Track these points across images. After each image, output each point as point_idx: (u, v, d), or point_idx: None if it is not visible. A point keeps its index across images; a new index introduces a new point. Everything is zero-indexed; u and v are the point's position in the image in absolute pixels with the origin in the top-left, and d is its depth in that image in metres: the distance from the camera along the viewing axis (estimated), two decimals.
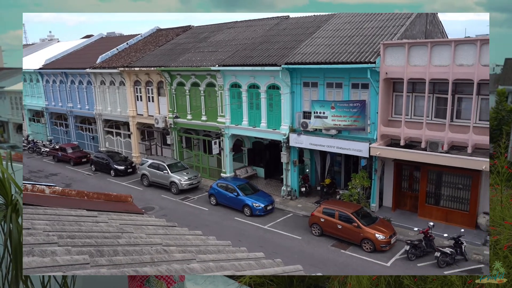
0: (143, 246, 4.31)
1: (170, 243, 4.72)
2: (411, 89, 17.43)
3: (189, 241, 5.06)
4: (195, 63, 24.17)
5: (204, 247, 4.82)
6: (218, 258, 4.32)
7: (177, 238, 5.13)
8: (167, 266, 3.66)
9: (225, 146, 23.65)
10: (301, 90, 20.16)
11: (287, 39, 22.59)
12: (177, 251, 4.38)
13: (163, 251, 4.27)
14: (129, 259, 3.76)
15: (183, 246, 4.69)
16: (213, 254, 4.49)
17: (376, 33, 19.51)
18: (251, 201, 19.43)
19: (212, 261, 4.09)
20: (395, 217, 17.75)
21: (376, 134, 17.86)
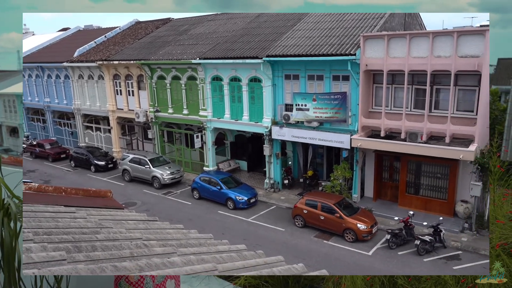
0: (122, 241, 4.25)
1: (150, 238, 4.66)
2: (390, 81, 17.64)
3: (170, 235, 5.02)
4: (175, 56, 23.86)
5: (185, 240, 4.78)
6: (199, 251, 4.30)
7: (158, 232, 5.08)
8: (147, 260, 3.61)
9: (207, 139, 23.52)
10: (282, 83, 20.17)
11: (268, 32, 22.52)
12: (158, 245, 4.34)
13: (143, 245, 4.22)
14: (108, 254, 3.70)
15: (164, 240, 4.64)
16: (195, 248, 4.46)
17: (356, 25, 19.63)
18: (234, 194, 19.43)
19: (193, 254, 4.07)
20: (376, 207, 18.05)
21: (357, 125, 18.05)
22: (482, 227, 15.72)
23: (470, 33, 15.28)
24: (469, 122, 15.97)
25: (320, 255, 14.82)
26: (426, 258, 14.28)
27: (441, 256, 14.39)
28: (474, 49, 14.96)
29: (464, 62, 15.15)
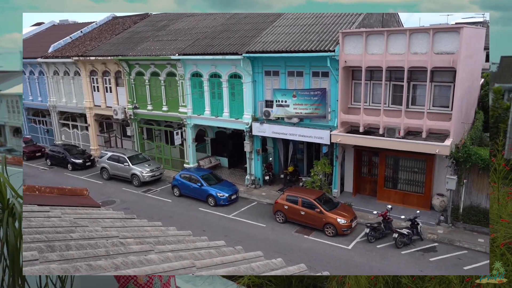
0: (98, 239, 4.16)
1: (127, 236, 4.58)
2: (369, 77, 17.88)
3: (148, 232, 4.94)
4: (154, 52, 23.52)
5: (163, 238, 4.72)
6: (178, 248, 4.25)
7: (135, 230, 4.99)
8: (123, 258, 3.54)
9: (187, 136, 23.32)
10: (262, 79, 20.16)
11: (248, 28, 22.44)
12: (135, 243, 4.26)
13: (120, 243, 4.14)
14: (83, 253, 3.61)
15: (141, 238, 4.57)
16: (173, 245, 4.41)
17: (335, 21, 19.78)
18: (215, 191, 19.35)
19: (170, 252, 4.02)
20: (355, 202, 18.31)
21: (336, 121, 18.23)
22: (457, 219, 16.16)
23: (445, 30, 15.62)
24: (445, 117, 16.35)
25: (301, 250, 14.94)
26: (403, 250, 14.58)
27: (418, 248, 14.73)
28: (449, 46, 15.29)
29: (440, 58, 15.48)
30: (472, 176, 16.00)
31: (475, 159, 15.43)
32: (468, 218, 15.87)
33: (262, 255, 4.38)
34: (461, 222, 16.03)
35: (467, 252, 14.38)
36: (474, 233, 15.53)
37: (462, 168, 15.86)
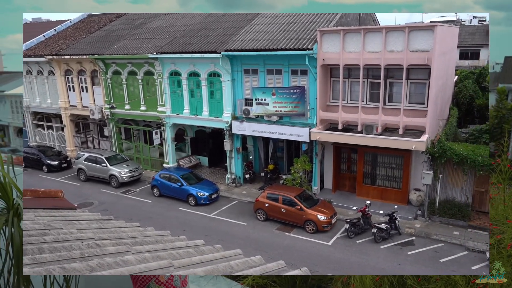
0: (72, 241, 4.06)
1: (103, 237, 4.49)
2: (347, 75, 18.09)
3: (125, 233, 4.86)
4: (131, 50, 23.13)
5: (141, 238, 4.65)
6: (155, 249, 4.19)
7: (112, 231, 4.90)
8: (98, 260, 3.47)
9: (166, 136, 23.06)
10: (242, 77, 20.12)
11: (226, 26, 22.35)
12: (111, 244, 4.18)
13: (95, 245, 4.05)
14: (56, 256, 3.51)
15: (118, 239, 4.48)
16: (150, 245, 4.34)
17: (313, 20, 19.92)
18: (196, 190, 19.22)
19: (148, 252, 3.96)
20: (335, 198, 18.51)
21: (315, 119, 18.37)
22: (433, 213, 16.55)
23: (420, 28, 15.95)
24: (421, 114, 16.71)
25: (282, 247, 15.00)
26: (382, 245, 14.85)
27: (397, 242, 15.02)
28: (424, 44, 15.62)
29: (415, 56, 15.79)
30: (447, 171, 16.42)
31: (450, 154, 15.84)
32: (444, 211, 16.28)
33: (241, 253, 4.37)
34: (437, 216, 16.44)
35: (443, 245, 14.76)
36: (449, 226, 15.95)
37: (437, 163, 16.25)
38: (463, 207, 16.06)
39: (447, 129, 18.42)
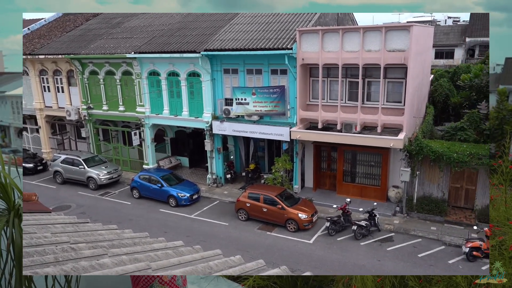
0: (46, 246, 3.94)
1: (79, 240, 4.38)
2: (326, 74, 18.25)
3: (101, 236, 4.76)
4: (108, 50, 22.72)
5: (118, 241, 4.56)
6: (133, 251, 4.12)
7: (88, 234, 4.79)
8: (73, 264, 3.38)
9: (146, 136, 22.76)
10: (222, 77, 20.04)
11: (206, 26, 22.22)
12: (87, 248, 4.08)
13: (70, 249, 3.95)
14: (29, 261, 3.41)
15: (94, 242, 4.38)
16: (128, 247, 4.26)
17: (292, 20, 20.01)
18: (176, 191, 19.04)
19: (125, 255, 3.88)
20: (316, 197, 18.66)
21: (295, 118, 18.47)
22: (411, 209, 16.89)
23: (396, 28, 16.24)
24: (398, 112, 17.01)
25: (263, 247, 15.02)
26: (362, 242, 15.05)
27: (376, 239, 15.26)
28: (400, 43, 15.91)
29: (392, 55, 16.07)
30: (424, 168, 16.79)
31: (427, 151, 16.19)
32: (421, 207, 16.64)
33: (220, 253, 4.34)
34: (415, 212, 16.78)
35: (421, 240, 15.08)
36: (427, 222, 16.31)
37: (414, 160, 16.59)
38: (440, 203, 16.45)
39: (423, 127, 18.82)
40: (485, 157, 15.51)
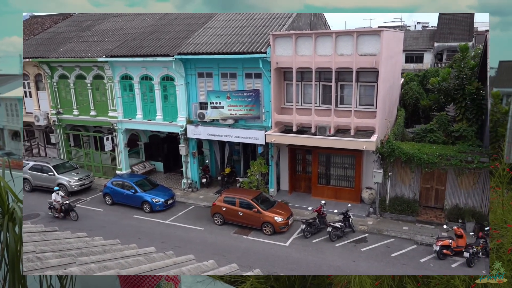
0: None
1: (46, 250, 4.22)
2: (300, 78, 18.44)
3: (70, 244, 4.60)
4: (79, 53, 22.18)
5: (87, 249, 4.42)
6: (102, 259, 4.00)
7: (56, 243, 4.62)
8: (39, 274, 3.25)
9: (118, 141, 22.29)
10: (196, 81, 19.91)
11: (179, 29, 22.05)
12: (54, 257, 3.94)
13: (36, 258, 3.79)
14: None
15: (62, 251, 4.23)
16: (97, 255, 4.14)
17: (266, 24, 20.14)
18: (150, 196, 18.73)
19: (94, 263, 3.77)
20: (291, 199, 18.77)
21: (270, 121, 18.56)
22: (384, 210, 17.24)
23: (368, 33, 16.61)
24: (370, 115, 17.37)
25: (239, 251, 14.96)
26: (337, 243, 15.24)
27: (351, 240, 15.48)
28: (372, 48, 16.28)
29: (364, 60, 16.41)
30: (396, 169, 17.18)
31: (398, 153, 16.59)
32: (394, 208, 17.01)
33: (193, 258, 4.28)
34: (388, 212, 17.13)
35: (394, 240, 15.41)
36: (399, 222, 16.68)
37: (387, 162, 16.96)
38: (411, 203, 16.87)
39: (395, 129, 19.29)
40: (454, 159, 16.03)
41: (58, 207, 17.90)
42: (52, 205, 18.08)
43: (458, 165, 15.89)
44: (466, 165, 15.83)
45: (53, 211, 18.09)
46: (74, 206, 18.27)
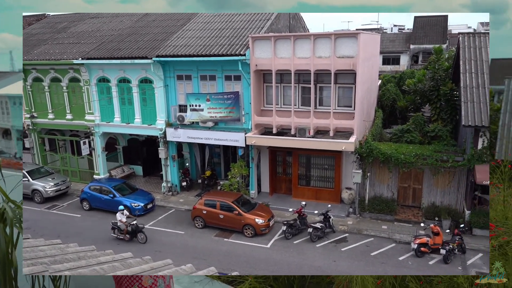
0: None
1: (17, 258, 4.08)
2: (279, 80, 18.52)
3: (43, 252, 4.47)
4: (53, 56, 21.67)
5: (61, 256, 4.30)
6: (77, 266, 3.90)
7: (28, 251, 4.48)
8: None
9: (96, 145, 21.86)
10: (175, 83, 19.74)
11: (157, 31, 21.83)
12: (26, 265, 3.81)
13: None
14: None
15: (34, 259, 4.11)
16: (71, 262, 4.03)
17: (245, 26, 20.15)
18: (129, 201, 18.43)
19: (68, 270, 3.67)
20: (272, 201, 18.80)
21: (250, 124, 18.56)
22: (364, 210, 17.47)
23: (345, 36, 16.84)
24: (349, 116, 17.59)
25: (220, 254, 14.87)
26: (318, 243, 15.34)
27: (331, 240, 15.61)
28: (349, 50, 16.50)
29: (342, 62, 16.62)
30: (374, 169, 17.45)
31: (376, 153, 16.86)
32: (373, 208, 17.26)
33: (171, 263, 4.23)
34: (367, 212, 17.38)
35: (373, 239, 15.62)
36: (378, 221, 16.94)
37: (365, 162, 17.21)
38: (390, 203, 17.16)
39: (373, 130, 19.60)
40: (429, 158, 16.38)
41: (124, 228, 15.90)
42: (117, 226, 16.10)
43: (434, 164, 16.27)
44: (441, 164, 16.23)
45: (116, 232, 16.11)
46: (143, 227, 15.98)
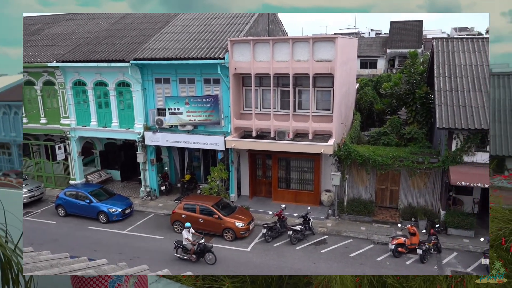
0: None
1: None
2: (258, 83, 18.57)
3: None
4: (26, 58, 21.10)
5: (32, 264, 4.16)
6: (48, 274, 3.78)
7: None
8: None
9: (72, 150, 21.37)
10: (153, 87, 19.53)
11: (135, 34, 21.57)
12: None
13: None
14: None
15: None
16: (43, 271, 3.91)
17: (224, 29, 20.14)
18: (107, 206, 18.07)
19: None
20: (252, 204, 18.79)
21: (230, 127, 18.52)
22: (343, 211, 17.67)
23: (323, 40, 17.05)
24: (327, 119, 17.79)
25: None
26: (298, 246, 15.41)
27: (311, 242, 15.71)
28: (327, 54, 16.71)
29: (320, 65, 16.81)
30: (352, 172, 17.69)
31: (354, 155, 17.10)
32: (351, 209, 17.47)
33: (147, 269, 4.16)
34: (346, 214, 17.58)
35: (352, 241, 15.81)
36: (357, 223, 17.16)
37: (344, 164, 17.42)
38: (368, 204, 17.41)
39: (351, 132, 19.87)
40: (406, 160, 16.72)
41: (191, 247, 14.12)
42: (181, 245, 14.37)
43: (410, 166, 16.62)
44: (417, 165, 16.59)
45: (179, 251, 14.42)
46: (211, 246, 14.28)
